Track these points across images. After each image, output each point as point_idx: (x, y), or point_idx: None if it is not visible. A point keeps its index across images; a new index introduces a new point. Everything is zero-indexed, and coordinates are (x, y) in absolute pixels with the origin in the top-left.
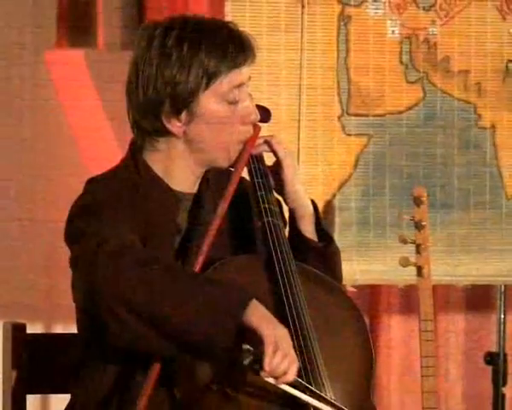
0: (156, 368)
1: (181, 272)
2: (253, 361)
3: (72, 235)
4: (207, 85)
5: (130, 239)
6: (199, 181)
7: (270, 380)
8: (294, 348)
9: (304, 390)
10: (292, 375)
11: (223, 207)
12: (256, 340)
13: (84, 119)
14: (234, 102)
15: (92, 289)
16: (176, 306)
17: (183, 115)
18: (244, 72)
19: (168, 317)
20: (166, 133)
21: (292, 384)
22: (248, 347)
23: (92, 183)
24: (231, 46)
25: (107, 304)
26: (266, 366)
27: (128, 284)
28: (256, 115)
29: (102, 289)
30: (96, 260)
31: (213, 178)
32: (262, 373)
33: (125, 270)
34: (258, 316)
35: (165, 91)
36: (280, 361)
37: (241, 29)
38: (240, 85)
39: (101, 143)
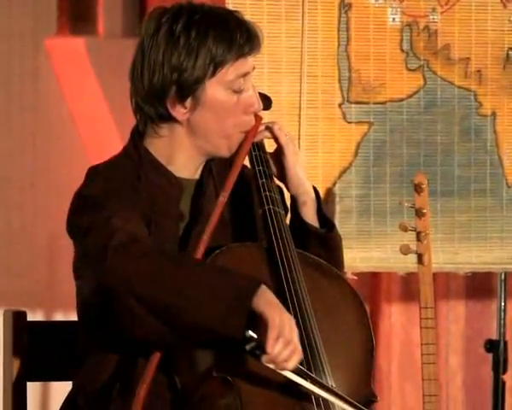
0: (157, 356)
1: (189, 261)
2: (255, 347)
3: (77, 228)
4: (214, 73)
5: (136, 231)
6: (201, 168)
7: (271, 366)
8: None
9: (305, 378)
10: (293, 363)
11: (224, 195)
12: (261, 325)
13: (85, 106)
14: (238, 91)
15: (104, 284)
16: (185, 296)
17: (188, 102)
18: (250, 61)
19: (178, 308)
20: (170, 119)
21: (293, 371)
22: (252, 333)
23: (94, 173)
24: (239, 35)
25: (120, 298)
26: (268, 351)
27: (137, 276)
28: (259, 105)
29: (113, 284)
30: (106, 255)
31: (216, 167)
32: (263, 359)
33: (134, 263)
34: (265, 301)
35: (172, 78)
36: (282, 348)
37: (247, 19)
38: (245, 75)
39: (102, 130)
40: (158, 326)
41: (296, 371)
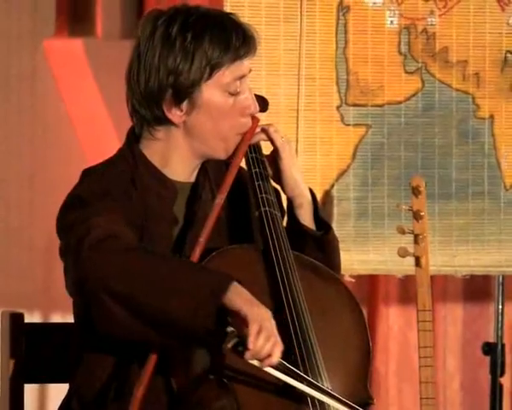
0: (153, 358)
1: (161, 257)
2: (236, 343)
3: (63, 225)
4: (210, 76)
5: (116, 228)
6: (196, 171)
7: (255, 362)
8: (291, 337)
9: (289, 373)
10: (276, 357)
11: (221, 197)
12: (239, 323)
13: (83, 107)
14: (235, 94)
15: (79, 278)
16: (156, 292)
17: (184, 105)
18: (246, 63)
19: (149, 303)
20: (166, 122)
21: (277, 367)
22: (232, 329)
23: (87, 174)
24: (235, 37)
25: (93, 293)
26: (250, 346)
27: (110, 271)
28: (255, 107)
29: (87, 277)
30: (82, 249)
31: (212, 169)
32: (246, 355)
33: (108, 258)
34: (241, 298)
35: (168, 81)
36: (264, 342)
37: (243, 21)
38: (241, 77)
39: (100, 132)
40: (132, 323)
41: (280, 368)
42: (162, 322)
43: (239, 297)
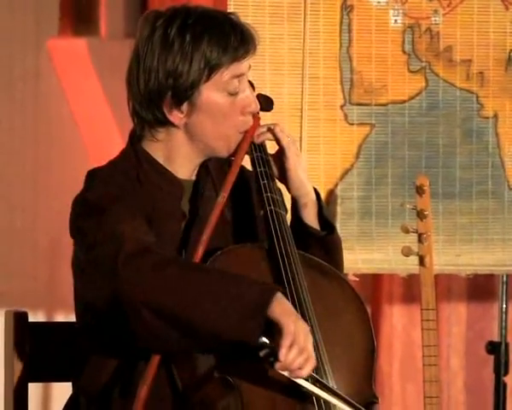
0: (157, 356)
1: (202, 270)
2: (268, 354)
3: (82, 233)
4: (208, 77)
5: (145, 239)
6: (197, 169)
7: (286, 374)
8: None
9: (320, 387)
10: (307, 371)
11: (223, 196)
12: (276, 333)
13: (87, 107)
14: (234, 93)
15: (117, 294)
16: (202, 306)
17: (184, 106)
18: (245, 63)
19: (196, 318)
20: (167, 123)
21: (307, 380)
22: (265, 339)
23: (94, 177)
24: (233, 38)
25: (133, 310)
26: (281, 359)
27: (151, 289)
28: (256, 105)
29: (127, 294)
30: (117, 266)
31: (213, 167)
32: (277, 366)
33: (147, 275)
34: (281, 309)
35: (167, 83)
36: (296, 356)
37: (243, 21)
38: (240, 76)
39: (104, 131)
40: (174, 337)
41: (310, 380)
42: (207, 336)
43: (279, 308)
